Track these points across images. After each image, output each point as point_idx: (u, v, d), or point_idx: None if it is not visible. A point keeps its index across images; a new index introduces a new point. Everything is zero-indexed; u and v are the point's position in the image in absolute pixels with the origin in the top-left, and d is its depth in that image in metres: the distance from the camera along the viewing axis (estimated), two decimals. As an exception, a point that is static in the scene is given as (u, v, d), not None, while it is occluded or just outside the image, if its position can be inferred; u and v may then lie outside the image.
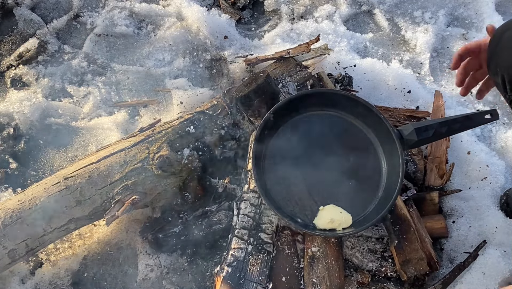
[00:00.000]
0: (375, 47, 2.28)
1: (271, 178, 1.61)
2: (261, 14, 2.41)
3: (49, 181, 1.59)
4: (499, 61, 1.18)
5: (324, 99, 1.69)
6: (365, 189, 1.62)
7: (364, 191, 1.62)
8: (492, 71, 1.23)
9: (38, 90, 2.07)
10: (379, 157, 1.66)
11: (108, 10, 2.29)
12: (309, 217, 1.57)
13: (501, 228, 1.71)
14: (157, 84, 2.11)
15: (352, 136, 1.69)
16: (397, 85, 2.07)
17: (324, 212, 1.57)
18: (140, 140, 1.67)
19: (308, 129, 1.69)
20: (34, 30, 2.23)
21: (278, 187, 1.61)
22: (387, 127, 1.60)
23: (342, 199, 1.59)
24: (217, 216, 1.68)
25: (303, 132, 1.68)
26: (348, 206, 1.58)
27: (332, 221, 1.54)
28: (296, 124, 1.69)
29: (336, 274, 1.55)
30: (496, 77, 1.22)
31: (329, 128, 1.69)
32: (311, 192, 1.61)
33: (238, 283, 1.50)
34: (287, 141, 1.66)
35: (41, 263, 1.69)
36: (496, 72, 1.20)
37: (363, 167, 1.65)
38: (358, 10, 2.39)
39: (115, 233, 1.74)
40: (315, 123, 1.70)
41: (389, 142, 1.60)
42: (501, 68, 1.18)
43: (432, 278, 1.65)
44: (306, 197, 1.60)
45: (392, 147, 1.59)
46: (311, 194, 1.60)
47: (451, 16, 2.36)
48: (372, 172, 1.64)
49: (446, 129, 1.54)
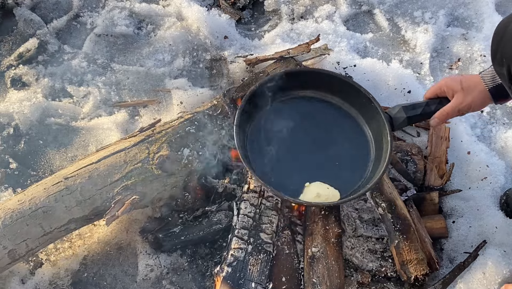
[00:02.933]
0: (375, 47, 2.28)
1: (256, 155, 1.59)
2: (261, 14, 2.41)
3: (49, 181, 1.59)
4: (504, 52, 1.21)
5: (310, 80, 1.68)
6: (352, 167, 1.62)
7: (351, 169, 1.62)
8: (497, 62, 1.26)
9: (38, 90, 2.06)
10: (367, 138, 1.66)
11: (108, 10, 2.29)
12: (295, 193, 1.55)
13: (501, 228, 1.71)
14: (157, 84, 2.11)
15: (340, 118, 1.69)
16: (397, 85, 2.07)
17: (310, 188, 1.56)
18: (140, 140, 1.67)
19: (294, 109, 1.68)
20: (34, 30, 2.23)
21: (262, 164, 1.58)
22: (375, 108, 1.59)
23: (329, 176, 1.58)
24: (217, 216, 1.68)
25: (288, 112, 1.67)
26: (335, 183, 1.57)
27: (319, 196, 1.52)
28: (281, 104, 1.68)
29: (336, 274, 1.55)
30: (501, 68, 1.25)
31: (316, 109, 1.69)
32: (297, 169, 1.59)
33: (238, 283, 1.50)
34: (272, 120, 1.65)
35: (41, 263, 1.69)
36: (502, 63, 1.23)
37: (350, 147, 1.65)
38: (358, 10, 2.39)
39: (115, 233, 1.74)
40: (301, 104, 1.69)
41: (377, 123, 1.60)
42: (507, 59, 1.21)
43: (432, 278, 1.65)
44: (292, 174, 1.58)
45: (381, 127, 1.58)
46: (297, 171, 1.59)
47: (451, 16, 2.36)
48: (360, 151, 1.64)
49: (435, 107, 1.53)
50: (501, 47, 1.23)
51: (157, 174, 1.61)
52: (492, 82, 1.42)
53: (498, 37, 1.25)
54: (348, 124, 1.69)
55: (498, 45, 1.24)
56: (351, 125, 1.69)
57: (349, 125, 1.69)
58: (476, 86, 1.45)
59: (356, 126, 1.68)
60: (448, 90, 1.50)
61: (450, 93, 1.50)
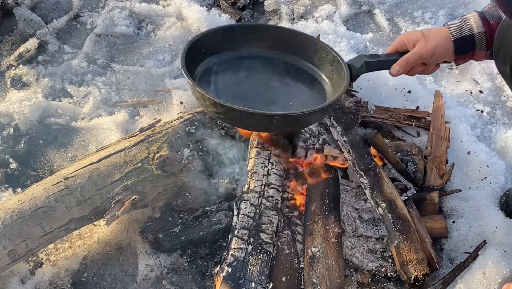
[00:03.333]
0: (375, 47, 2.28)
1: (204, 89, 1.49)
2: (261, 14, 2.42)
3: (49, 181, 1.59)
4: (507, 49, 1.21)
5: (259, 35, 1.67)
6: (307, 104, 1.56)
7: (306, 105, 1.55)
8: (500, 60, 1.26)
9: (38, 90, 2.07)
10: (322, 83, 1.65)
11: (108, 10, 2.29)
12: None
13: (501, 228, 1.71)
14: (157, 84, 2.11)
15: (290, 70, 1.67)
16: (397, 85, 2.07)
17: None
18: (140, 140, 1.67)
19: (243, 63, 1.66)
20: (34, 30, 2.23)
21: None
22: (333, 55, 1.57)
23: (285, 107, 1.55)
24: (217, 216, 1.68)
25: (238, 65, 1.65)
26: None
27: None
28: (231, 58, 1.66)
29: (336, 274, 1.55)
30: (504, 66, 1.24)
31: (266, 66, 1.67)
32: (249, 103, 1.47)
33: (238, 283, 1.50)
34: (221, 67, 1.64)
35: (41, 263, 1.69)
36: (505, 61, 1.23)
37: (306, 93, 1.64)
38: (358, 10, 2.40)
39: (115, 233, 1.74)
40: (252, 59, 1.68)
41: (334, 69, 1.58)
42: (510, 56, 1.21)
43: (432, 278, 1.65)
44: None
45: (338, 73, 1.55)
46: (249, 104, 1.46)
47: (451, 16, 2.36)
48: (315, 91, 1.63)
49: (396, 58, 1.44)
50: (504, 45, 1.23)
51: (157, 174, 1.61)
52: (459, 33, 1.36)
53: (501, 35, 1.25)
54: (303, 76, 1.67)
55: (501, 43, 1.24)
56: (306, 76, 1.66)
57: (304, 77, 1.66)
58: (439, 33, 1.38)
59: (310, 75, 1.66)
60: (408, 42, 1.41)
61: (410, 44, 1.41)
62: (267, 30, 1.72)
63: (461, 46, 1.36)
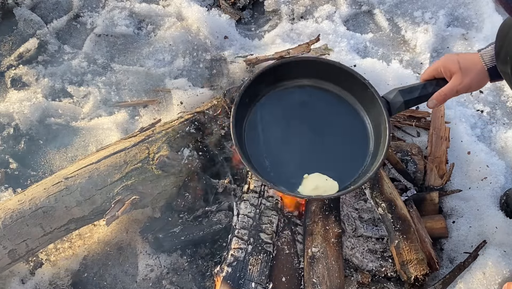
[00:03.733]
0: (375, 47, 2.28)
1: (253, 149, 1.57)
2: (261, 14, 2.41)
3: (49, 181, 1.60)
4: (509, 49, 1.21)
5: (307, 69, 1.66)
6: (351, 157, 1.60)
7: (350, 159, 1.59)
8: (501, 61, 1.26)
9: (38, 90, 2.06)
10: (365, 124, 1.64)
11: (108, 10, 2.29)
12: (294, 185, 1.53)
13: (501, 228, 1.71)
14: (157, 84, 2.11)
15: (336, 105, 1.66)
16: (397, 85, 2.05)
17: (309, 180, 1.53)
18: (140, 140, 1.67)
19: (290, 100, 1.66)
20: (34, 30, 2.23)
21: (261, 158, 1.56)
22: (372, 93, 1.57)
23: (327, 168, 1.55)
24: (217, 216, 1.68)
25: (285, 103, 1.65)
26: (334, 174, 1.54)
27: (317, 188, 1.50)
28: (278, 94, 1.66)
29: (336, 274, 1.55)
30: (505, 67, 1.24)
31: (313, 99, 1.66)
32: (295, 161, 1.57)
33: (238, 283, 1.50)
34: (269, 111, 1.64)
35: (41, 263, 1.69)
36: (506, 61, 1.23)
37: (349, 135, 1.63)
38: (358, 10, 2.39)
39: (115, 233, 1.74)
40: (298, 93, 1.67)
41: (375, 109, 1.57)
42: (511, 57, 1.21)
43: (432, 278, 1.65)
44: (290, 166, 1.56)
45: (378, 113, 1.56)
46: (295, 163, 1.56)
47: (451, 16, 2.36)
48: (358, 140, 1.62)
49: (432, 89, 1.48)
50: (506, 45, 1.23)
51: (157, 174, 1.61)
52: (492, 61, 1.37)
53: (502, 35, 1.24)
54: (346, 111, 1.66)
55: (502, 43, 1.24)
56: (349, 113, 1.65)
57: (347, 113, 1.65)
58: (474, 66, 1.40)
59: (353, 113, 1.65)
60: (445, 71, 1.45)
61: (447, 74, 1.45)
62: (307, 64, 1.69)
63: (497, 74, 1.38)
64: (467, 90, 1.44)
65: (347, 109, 1.66)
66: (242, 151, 1.51)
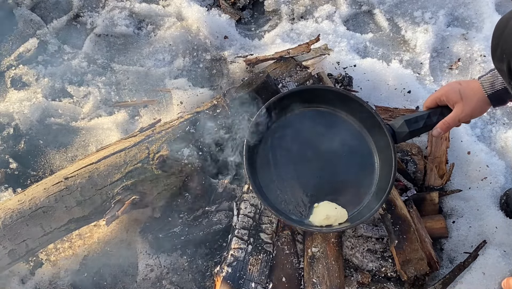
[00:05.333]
0: (375, 47, 2.28)
1: (264, 176, 1.61)
2: (261, 14, 2.41)
3: (49, 181, 1.59)
4: (505, 47, 1.21)
5: (316, 96, 1.69)
6: (359, 183, 1.63)
7: (358, 186, 1.62)
8: (497, 58, 1.26)
9: (38, 90, 2.07)
10: (372, 152, 1.66)
11: (108, 10, 2.29)
12: (304, 214, 1.57)
13: (501, 228, 1.71)
14: (157, 84, 2.11)
15: (344, 132, 1.69)
16: (397, 85, 2.07)
17: (319, 209, 1.57)
18: (140, 140, 1.67)
19: (300, 126, 1.68)
20: (34, 30, 2.23)
21: (271, 185, 1.60)
22: (378, 122, 1.60)
23: (336, 195, 1.59)
24: (217, 216, 1.68)
25: (295, 129, 1.68)
26: (343, 201, 1.58)
27: (328, 217, 1.54)
28: (288, 121, 1.69)
29: (336, 274, 1.55)
30: (501, 64, 1.25)
31: (322, 125, 1.69)
32: (305, 189, 1.61)
33: (238, 283, 1.50)
34: (279, 138, 1.66)
35: (41, 263, 1.69)
36: (502, 59, 1.23)
37: (356, 162, 1.65)
38: (358, 10, 2.39)
39: (115, 233, 1.74)
40: (307, 120, 1.69)
41: (381, 137, 1.60)
42: (507, 54, 1.21)
43: (432, 278, 1.65)
44: (300, 194, 1.60)
45: (384, 141, 1.59)
46: (305, 191, 1.61)
47: (451, 16, 2.36)
48: (365, 167, 1.65)
49: (436, 119, 1.53)
50: (502, 42, 1.23)
51: (157, 174, 1.61)
52: (491, 88, 1.42)
53: (498, 33, 1.25)
54: (353, 138, 1.69)
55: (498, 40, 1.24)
56: (356, 139, 1.68)
57: (354, 139, 1.68)
58: (475, 94, 1.45)
59: (360, 140, 1.68)
60: (448, 100, 1.51)
61: (450, 103, 1.51)
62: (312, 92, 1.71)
63: (497, 99, 1.43)
64: (469, 118, 1.50)
65: (354, 136, 1.69)
66: (255, 183, 1.56)
